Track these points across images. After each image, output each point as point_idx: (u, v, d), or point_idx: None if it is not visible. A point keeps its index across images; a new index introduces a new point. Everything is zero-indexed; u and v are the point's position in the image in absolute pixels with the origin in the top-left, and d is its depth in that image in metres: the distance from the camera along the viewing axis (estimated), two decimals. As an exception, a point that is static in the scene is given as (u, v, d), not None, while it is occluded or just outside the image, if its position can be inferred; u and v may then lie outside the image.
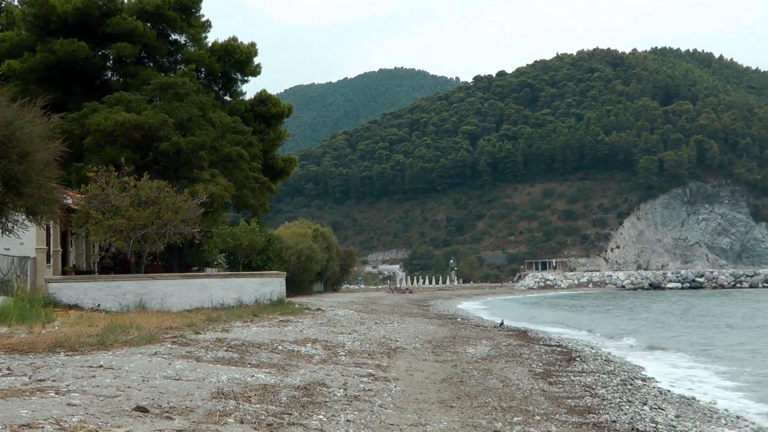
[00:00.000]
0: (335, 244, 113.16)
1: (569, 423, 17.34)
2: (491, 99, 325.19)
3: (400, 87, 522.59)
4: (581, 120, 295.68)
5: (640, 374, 29.06)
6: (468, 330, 46.26)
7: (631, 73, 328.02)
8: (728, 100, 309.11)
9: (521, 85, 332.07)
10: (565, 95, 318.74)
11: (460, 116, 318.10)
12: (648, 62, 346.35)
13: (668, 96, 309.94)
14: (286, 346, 25.96)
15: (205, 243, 56.06)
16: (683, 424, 18.90)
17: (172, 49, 65.03)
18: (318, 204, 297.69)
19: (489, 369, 26.29)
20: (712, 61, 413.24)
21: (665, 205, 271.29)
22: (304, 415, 14.48)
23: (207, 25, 65.91)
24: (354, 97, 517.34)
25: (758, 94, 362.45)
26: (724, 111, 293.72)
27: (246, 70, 65.63)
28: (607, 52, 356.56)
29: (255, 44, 65.42)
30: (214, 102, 59.61)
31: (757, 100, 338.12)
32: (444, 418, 16.27)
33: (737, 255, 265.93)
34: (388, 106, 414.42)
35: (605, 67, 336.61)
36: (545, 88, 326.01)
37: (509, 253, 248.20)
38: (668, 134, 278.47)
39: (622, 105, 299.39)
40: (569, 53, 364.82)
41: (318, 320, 39.88)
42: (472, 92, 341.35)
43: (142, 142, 51.91)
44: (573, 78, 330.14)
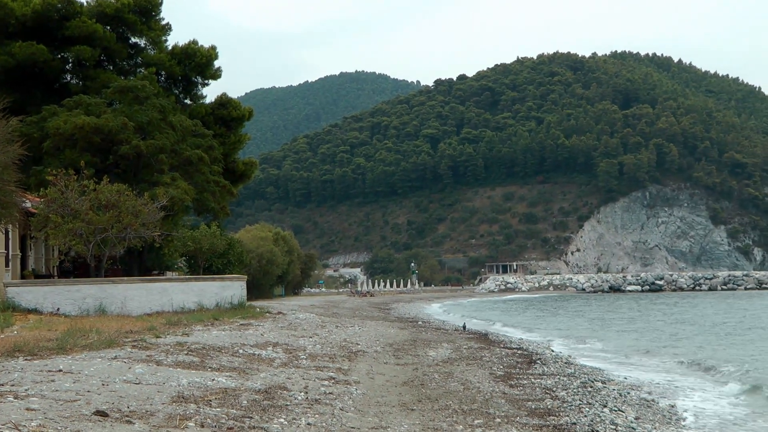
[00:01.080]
0: (296, 248, 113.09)
1: (530, 426, 17.43)
2: (452, 102, 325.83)
3: (361, 91, 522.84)
4: (542, 123, 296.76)
5: (600, 376, 29.22)
6: (429, 333, 46.34)
7: (591, 76, 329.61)
8: (687, 104, 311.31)
9: (482, 88, 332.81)
10: (525, 99, 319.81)
11: (420, 120, 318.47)
12: (608, 66, 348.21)
13: (628, 100, 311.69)
14: (247, 350, 25.93)
15: (165, 247, 55.89)
16: (643, 426, 19.04)
17: (132, 53, 64.77)
18: (279, 207, 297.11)
19: (450, 372, 26.36)
20: (671, 65, 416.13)
21: (625, 209, 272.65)
22: (265, 419, 14.46)
23: (167, 28, 65.68)
24: (315, 100, 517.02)
25: (717, 98, 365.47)
26: (683, 115, 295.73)
27: (206, 73, 65.46)
28: (567, 56, 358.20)
29: (215, 48, 65.31)
30: (174, 105, 59.30)
31: (715, 103, 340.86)
32: (405, 421, 16.30)
33: (696, 258, 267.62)
34: (349, 110, 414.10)
35: (565, 70, 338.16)
36: (506, 91, 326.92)
37: (470, 257, 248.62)
38: (628, 138, 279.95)
39: (582, 109, 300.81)
40: (529, 57, 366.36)
41: (279, 324, 39.83)
42: (432, 96, 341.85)
43: (102, 146, 51.63)
44: (533, 82, 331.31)
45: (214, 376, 19.01)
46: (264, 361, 23.64)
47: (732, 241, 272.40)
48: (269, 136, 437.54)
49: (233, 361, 22.83)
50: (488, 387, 23.40)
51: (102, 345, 22.59)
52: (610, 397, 23.62)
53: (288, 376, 20.68)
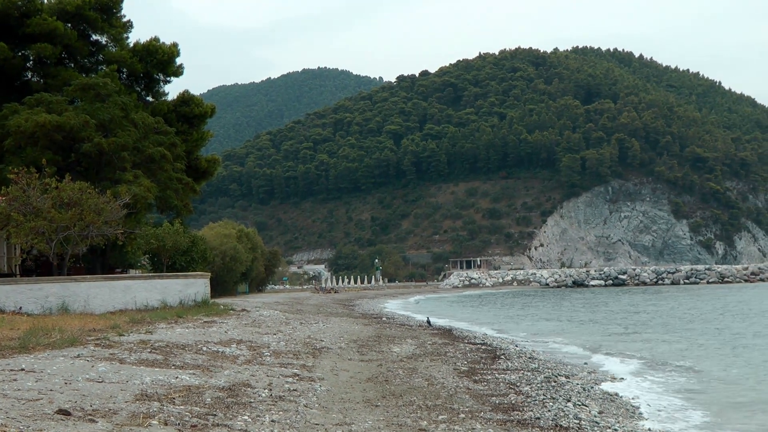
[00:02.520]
0: (260, 245, 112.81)
1: (494, 421, 17.48)
2: (415, 98, 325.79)
3: (323, 87, 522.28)
4: (504, 119, 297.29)
5: (564, 371, 29.34)
6: (393, 329, 46.38)
7: (553, 72, 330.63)
8: (648, 98, 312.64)
9: (444, 84, 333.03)
10: (487, 94, 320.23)
11: (383, 116, 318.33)
12: (569, 61, 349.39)
13: (589, 95, 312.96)
14: (211, 347, 25.88)
15: (128, 244, 55.64)
16: (606, 420, 19.16)
17: (94, 50, 64.37)
18: (242, 204, 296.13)
19: (414, 368, 26.39)
20: (632, 60, 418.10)
21: (588, 203, 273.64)
22: (229, 416, 14.45)
23: (128, 25, 65.34)
24: (277, 97, 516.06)
25: (678, 92, 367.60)
26: (645, 109, 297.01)
27: (168, 70, 65.15)
28: (528, 52, 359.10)
29: (177, 45, 65.01)
30: (136, 103, 59.06)
31: (676, 98, 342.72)
32: (369, 418, 16.32)
33: (659, 252, 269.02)
34: (312, 106, 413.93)
35: (527, 66, 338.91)
36: (468, 87, 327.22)
37: (434, 252, 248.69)
38: (590, 133, 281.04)
39: (545, 104, 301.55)
40: (491, 53, 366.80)
41: (243, 321, 39.76)
42: (395, 92, 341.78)
43: (64, 144, 51.37)
44: (495, 77, 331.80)
45: (178, 373, 18.96)
46: (228, 359, 23.60)
47: (694, 235, 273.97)
48: (232, 133, 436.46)
49: (197, 358, 22.78)
50: (452, 382, 23.45)
51: (65, 344, 22.48)
52: (573, 391, 23.73)
53: (252, 374, 20.65)
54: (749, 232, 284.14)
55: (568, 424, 17.87)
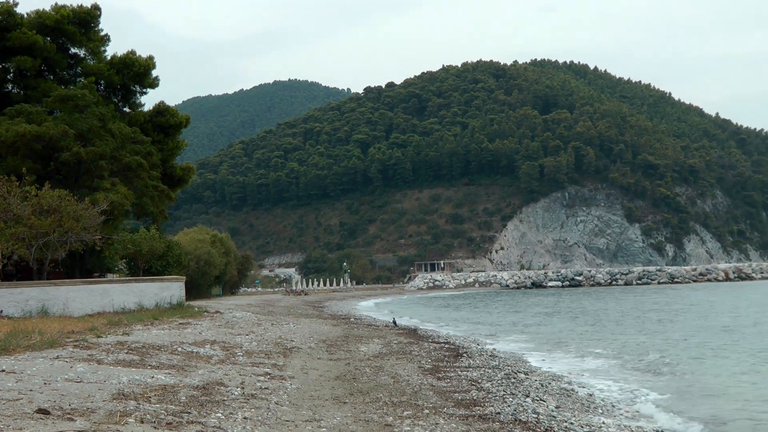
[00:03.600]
0: (233, 249, 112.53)
1: (456, 416, 17.49)
2: (381, 109, 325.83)
3: (294, 98, 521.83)
4: (466, 128, 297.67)
5: (523, 368, 29.42)
6: (361, 329, 46.37)
7: (513, 83, 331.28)
8: (603, 108, 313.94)
9: (409, 95, 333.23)
10: (450, 105, 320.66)
11: (351, 125, 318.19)
12: (528, 73, 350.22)
13: (547, 105, 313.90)
14: (186, 348, 25.77)
15: (106, 249, 55.39)
16: (563, 414, 19.21)
17: (72, 62, 64.08)
18: (216, 211, 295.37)
19: (381, 366, 26.39)
20: (587, 72, 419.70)
21: (546, 208, 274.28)
22: (203, 414, 14.38)
23: (106, 39, 65.06)
24: (250, 107, 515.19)
25: (630, 103, 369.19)
26: (599, 119, 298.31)
27: (144, 82, 64.96)
28: (489, 64, 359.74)
29: (153, 57, 64.82)
30: (113, 113, 58.87)
31: (629, 108, 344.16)
32: (337, 414, 16.29)
33: (613, 254, 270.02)
34: (283, 116, 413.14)
35: (488, 78, 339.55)
36: (432, 98, 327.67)
37: (400, 256, 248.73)
38: (548, 141, 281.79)
39: (505, 114, 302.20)
40: (454, 65, 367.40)
41: (216, 322, 39.63)
42: (362, 102, 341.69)
43: (43, 153, 51.14)
44: (458, 88, 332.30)
45: (154, 373, 18.87)
46: (202, 359, 23.51)
47: (646, 238, 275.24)
48: (206, 142, 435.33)
49: (172, 358, 22.67)
50: (417, 380, 23.46)
51: (44, 345, 22.34)
52: (532, 387, 23.80)
53: (225, 373, 20.59)
54: (697, 235, 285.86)
55: (527, 419, 17.91)
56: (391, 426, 15.57)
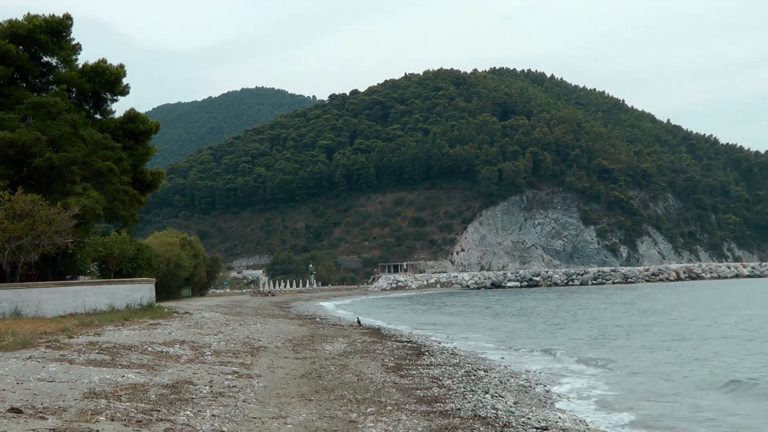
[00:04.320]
0: (202, 252, 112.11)
1: (418, 412, 17.54)
2: (345, 116, 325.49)
3: (261, 105, 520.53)
4: (428, 134, 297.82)
5: (483, 365, 29.52)
6: (326, 329, 46.37)
7: (473, 91, 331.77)
8: (559, 115, 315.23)
9: (373, 102, 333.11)
10: (413, 112, 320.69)
11: (317, 132, 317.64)
12: (487, 81, 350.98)
13: (506, 112, 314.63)
14: (156, 348, 25.70)
15: (78, 252, 55.08)
16: (521, 410, 19.30)
17: (44, 71, 63.60)
18: (185, 214, 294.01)
19: (345, 364, 26.41)
20: (544, 80, 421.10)
21: (505, 211, 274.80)
22: (172, 411, 14.36)
23: (77, 48, 64.61)
24: (218, 114, 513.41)
25: (585, 109, 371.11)
26: (556, 125, 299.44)
27: (115, 90, 64.56)
28: (450, 72, 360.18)
29: (123, 66, 64.42)
30: (85, 120, 58.53)
31: (584, 115, 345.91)
32: (303, 411, 16.30)
33: (569, 256, 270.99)
34: (250, 123, 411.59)
35: (449, 85, 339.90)
36: (395, 105, 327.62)
37: (364, 258, 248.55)
38: (506, 147, 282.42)
39: (465, 120, 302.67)
40: (416, 73, 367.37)
41: (186, 323, 39.54)
42: (327, 109, 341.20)
43: (16, 158, 50.79)
44: (420, 96, 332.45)
45: (124, 372, 18.82)
46: (171, 358, 23.45)
47: (601, 240, 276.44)
48: (176, 148, 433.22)
49: (142, 358, 22.61)
50: (380, 377, 23.51)
51: (17, 346, 22.22)
52: (491, 384, 23.90)
53: (194, 372, 20.55)
54: (650, 237, 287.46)
55: (486, 414, 17.98)
56: (355, 422, 15.60)
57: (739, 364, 31.18)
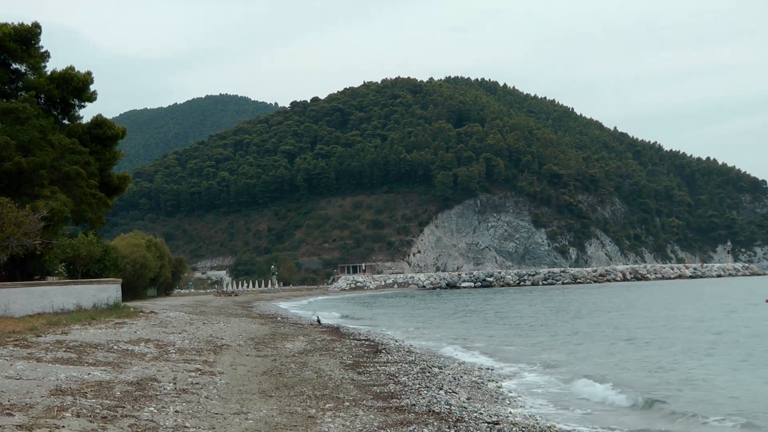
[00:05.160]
0: (167, 253, 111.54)
1: (375, 408, 17.57)
2: (306, 122, 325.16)
3: (225, 111, 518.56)
4: (386, 140, 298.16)
5: (437, 362, 29.60)
6: (287, 328, 46.29)
7: (429, 99, 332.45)
8: (512, 122, 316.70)
9: (333, 109, 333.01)
10: (371, 118, 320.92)
11: (279, 137, 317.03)
12: (443, 89, 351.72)
13: (461, 119, 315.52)
14: (121, 346, 25.56)
15: (46, 254, 54.63)
16: (473, 405, 19.37)
17: (14, 77, 62.96)
18: (151, 217, 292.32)
19: (305, 362, 26.40)
20: (497, 88, 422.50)
21: (459, 215, 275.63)
22: (137, 408, 14.30)
23: (46, 55, 64.02)
24: (183, 120, 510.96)
25: (537, 117, 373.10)
26: (509, 132, 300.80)
27: (83, 96, 64.04)
28: (407, 81, 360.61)
29: (91, 73, 63.93)
30: (53, 125, 58.02)
31: (536, 122, 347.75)
32: (264, 407, 16.29)
33: (521, 257, 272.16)
34: (215, 129, 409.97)
35: (406, 93, 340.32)
36: (354, 112, 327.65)
37: (324, 259, 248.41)
38: (461, 152, 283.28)
39: (421, 127, 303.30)
40: (375, 81, 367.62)
41: (151, 322, 39.33)
42: (289, 116, 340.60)
43: (-14, 162, 50.34)
44: (378, 103, 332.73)
45: (90, 370, 18.70)
46: (137, 356, 23.33)
47: (551, 242, 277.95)
48: (142, 152, 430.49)
49: (108, 356, 22.48)
50: (339, 374, 23.52)
51: (-14, 345, 22.02)
52: (445, 380, 23.97)
53: (158, 369, 20.45)
54: (598, 239, 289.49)
55: (440, 410, 18.04)
56: (314, 418, 15.60)
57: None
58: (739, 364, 29.78)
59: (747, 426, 18.62)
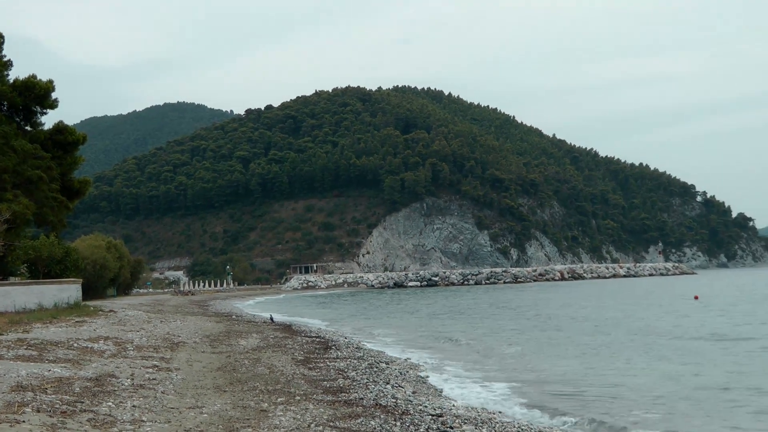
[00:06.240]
0: (126, 254, 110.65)
1: (324, 401, 17.62)
2: (261, 129, 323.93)
3: (182, 118, 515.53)
4: (336, 146, 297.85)
5: (384, 358, 29.70)
6: (241, 325, 46.16)
7: (377, 107, 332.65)
8: (456, 129, 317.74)
9: (286, 116, 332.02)
10: (322, 125, 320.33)
11: (234, 143, 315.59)
12: (391, 98, 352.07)
13: (408, 126, 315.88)
14: (81, 343, 25.39)
15: (8, 255, 53.99)
16: (418, 398, 19.47)
17: (-24, 86, 62.31)
18: (111, 219, 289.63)
19: (258, 358, 26.38)
20: (442, 97, 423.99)
21: (406, 217, 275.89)
22: (95, 403, 14.23)
23: (9, 64, 63.34)
24: (142, 127, 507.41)
25: (480, 124, 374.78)
26: (453, 139, 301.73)
27: (45, 103, 63.42)
28: (357, 90, 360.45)
29: (52, 81, 63.33)
30: (16, 131, 57.45)
31: (479, 129, 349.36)
32: (218, 401, 16.27)
33: (465, 258, 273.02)
34: (173, 135, 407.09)
35: (356, 101, 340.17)
36: (306, 119, 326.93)
37: (277, 259, 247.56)
38: (408, 158, 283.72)
39: (370, 134, 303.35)
40: (326, 90, 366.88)
41: (110, 320, 39.06)
42: (244, 123, 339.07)
43: (-50, 167, 49.72)
44: (329, 111, 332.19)
45: (51, 367, 18.57)
46: (96, 353, 23.19)
47: (493, 243, 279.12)
48: (102, 157, 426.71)
49: (68, 353, 22.32)
50: (290, 370, 23.53)
51: (-51, 343, 21.78)
52: (392, 375, 24.06)
53: (117, 365, 20.35)
54: (537, 240, 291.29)
55: (387, 403, 18.12)
56: (266, 411, 15.62)
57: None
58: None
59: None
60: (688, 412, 19.64)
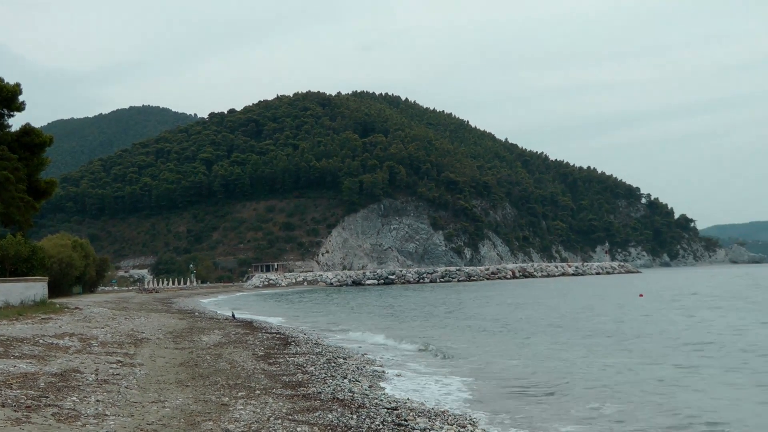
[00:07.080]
0: (92, 253, 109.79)
1: (284, 395, 17.61)
2: (223, 132, 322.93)
3: (147, 121, 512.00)
4: (297, 149, 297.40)
5: (342, 354, 29.71)
6: (204, 322, 45.98)
7: (337, 111, 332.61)
8: (413, 133, 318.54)
9: (248, 120, 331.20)
10: (284, 129, 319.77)
11: (197, 146, 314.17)
12: (350, 103, 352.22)
13: (366, 130, 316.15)
14: (47, 340, 25.15)
15: (-25, 254, 53.43)
16: (374, 392, 19.50)
17: (-56, 88, 61.52)
18: (77, 219, 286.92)
19: (220, 354, 26.29)
20: (400, 102, 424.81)
21: (364, 218, 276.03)
22: (60, 398, 14.11)
23: (-24, 67, 62.76)
24: (108, 129, 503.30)
25: (435, 129, 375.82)
26: (410, 142, 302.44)
27: (12, 106, 62.79)
28: (317, 95, 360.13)
29: (19, 84, 62.74)
30: (-17, 133, 56.85)
31: (434, 134, 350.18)
32: (180, 395, 16.19)
33: (420, 257, 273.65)
34: (138, 137, 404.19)
35: (316, 106, 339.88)
36: (268, 123, 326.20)
37: (239, 258, 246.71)
38: (366, 161, 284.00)
39: (330, 137, 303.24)
40: (287, 94, 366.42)
41: (76, 317, 38.73)
42: (207, 126, 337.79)
43: None
44: (290, 115, 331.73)
45: (16, 363, 18.38)
46: (61, 349, 22.98)
47: (448, 243, 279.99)
48: (69, 159, 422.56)
49: (34, 349, 22.10)
50: (251, 365, 23.48)
51: None
52: (349, 370, 24.10)
53: (81, 361, 20.19)
54: (490, 240, 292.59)
55: (344, 397, 18.14)
56: (227, 405, 15.58)
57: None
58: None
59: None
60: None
